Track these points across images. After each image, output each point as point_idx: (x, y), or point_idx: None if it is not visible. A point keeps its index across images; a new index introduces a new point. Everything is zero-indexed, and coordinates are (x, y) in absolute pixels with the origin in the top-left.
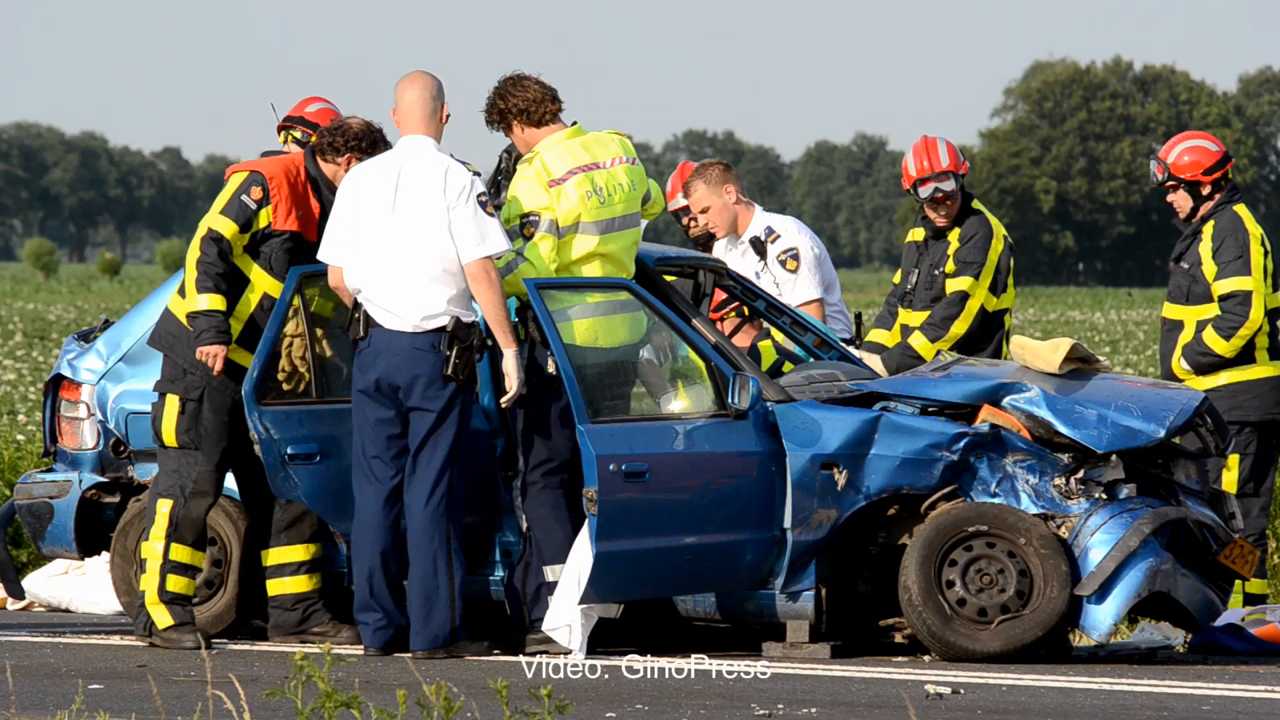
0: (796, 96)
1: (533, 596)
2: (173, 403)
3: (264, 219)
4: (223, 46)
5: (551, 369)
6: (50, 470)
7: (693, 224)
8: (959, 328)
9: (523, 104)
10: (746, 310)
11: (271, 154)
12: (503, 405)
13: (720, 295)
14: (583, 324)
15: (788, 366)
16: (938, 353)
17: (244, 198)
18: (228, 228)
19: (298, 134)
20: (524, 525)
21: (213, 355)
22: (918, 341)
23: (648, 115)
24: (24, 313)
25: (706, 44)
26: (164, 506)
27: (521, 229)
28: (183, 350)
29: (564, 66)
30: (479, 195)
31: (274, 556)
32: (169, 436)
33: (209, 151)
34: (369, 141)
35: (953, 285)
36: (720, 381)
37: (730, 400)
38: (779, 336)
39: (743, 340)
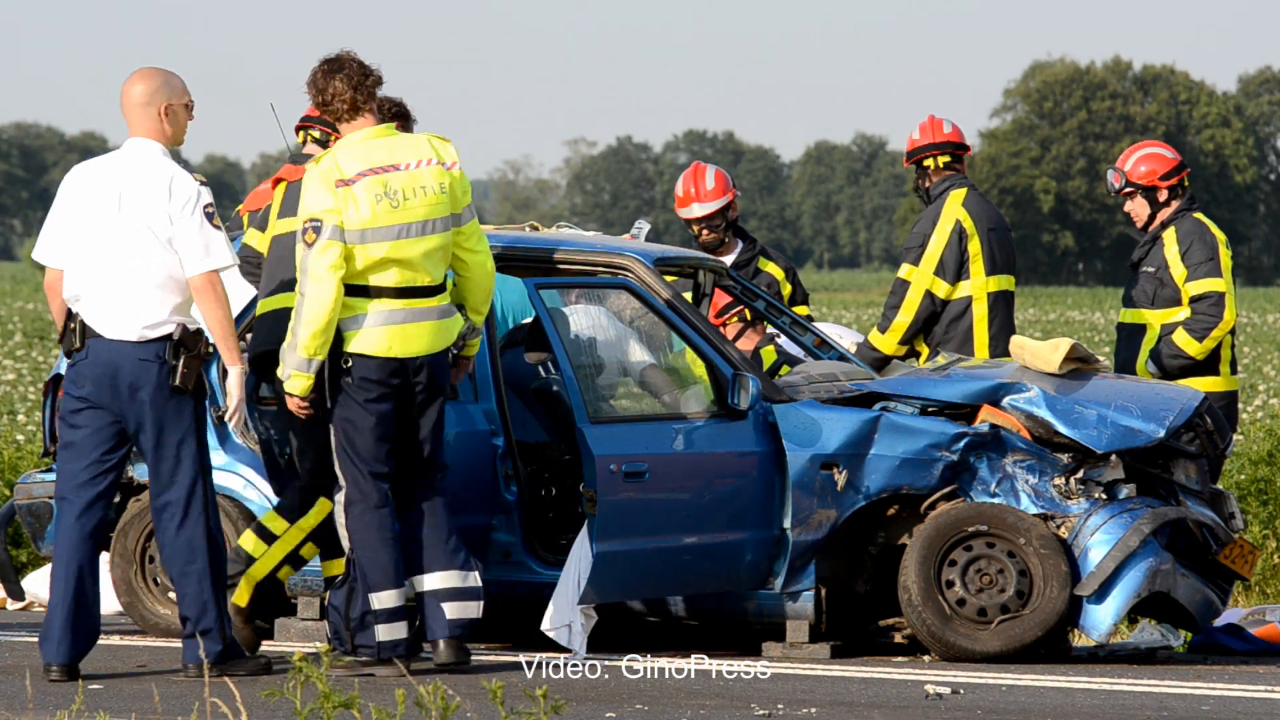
0: (796, 96)
1: (358, 623)
2: None
3: None
4: (222, 47)
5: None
6: (50, 470)
7: (704, 232)
8: (903, 316)
9: (321, 99)
10: (749, 314)
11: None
12: (229, 425)
13: (723, 298)
14: (375, 332)
15: (784, 370)
16: (922, 352)
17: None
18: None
19: (316, 134)
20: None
21: None
22: (872, 335)
23: (648, 115)
24: (24, 313)
25: (706, 44)
26: None
27: (303, 234)
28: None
29: (563, 66)
30: (205, 206)
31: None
32: None
33: (209, 151)
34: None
35: (898, 273)
36: (720, 381)
37: (730, 400)
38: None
39: (747, 344)
